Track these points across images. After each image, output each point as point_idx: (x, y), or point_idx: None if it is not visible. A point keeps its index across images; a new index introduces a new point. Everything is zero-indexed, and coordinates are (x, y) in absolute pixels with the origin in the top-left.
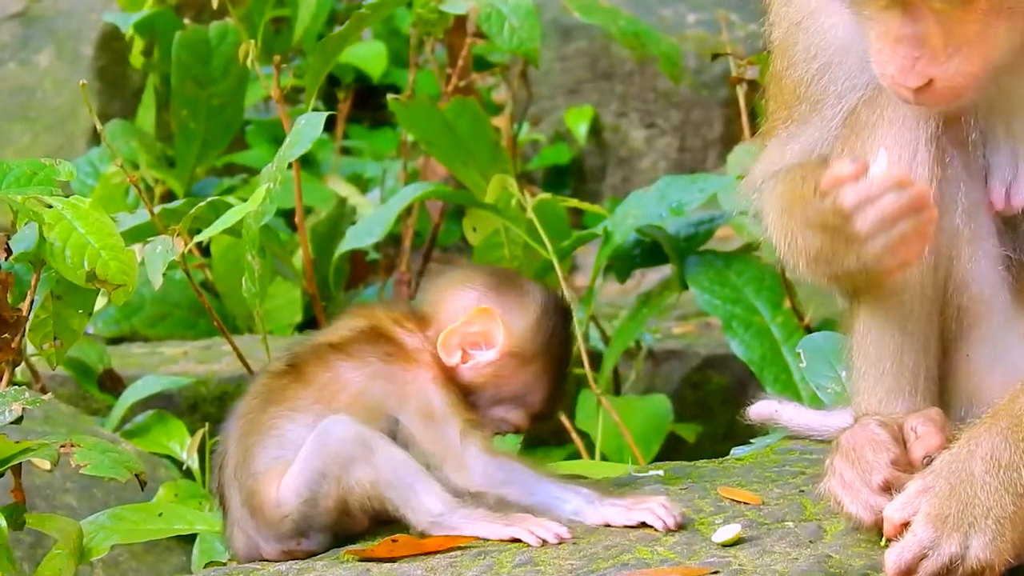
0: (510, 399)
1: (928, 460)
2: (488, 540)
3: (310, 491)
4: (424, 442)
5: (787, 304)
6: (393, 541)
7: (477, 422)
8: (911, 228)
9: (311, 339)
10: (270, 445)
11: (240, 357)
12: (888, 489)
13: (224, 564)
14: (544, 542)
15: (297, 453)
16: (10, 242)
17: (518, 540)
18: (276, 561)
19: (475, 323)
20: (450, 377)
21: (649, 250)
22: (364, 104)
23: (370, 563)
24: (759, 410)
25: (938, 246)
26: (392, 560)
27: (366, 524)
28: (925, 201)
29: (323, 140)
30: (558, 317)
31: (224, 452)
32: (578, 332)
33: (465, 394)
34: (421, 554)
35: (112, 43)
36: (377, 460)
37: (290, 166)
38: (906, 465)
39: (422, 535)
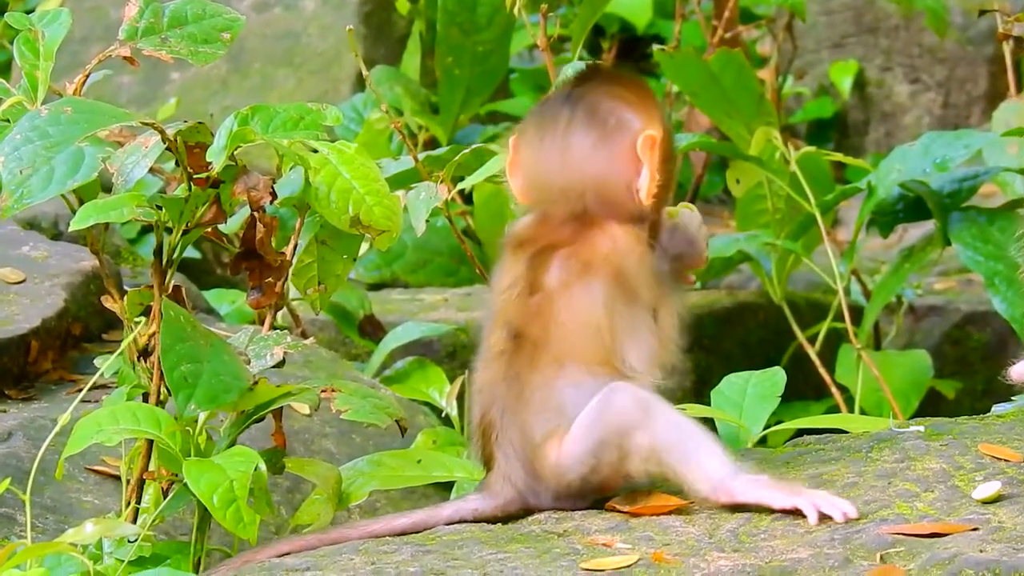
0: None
1: None
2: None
3: (593, 458)
4: (617, 312)
5: None
6: (648, 495)
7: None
8: None
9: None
10: (544, 415)
11: None
12: None
13: None
14: (824, 520)
15: (572, 418)
16: (276, 186)
17: (799, 512)
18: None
19: (644, 157)
20: (640, 236)
21: (912, 205)
22: (628, 54)
23: (627, 515)
24: (1021, 370)
25: None
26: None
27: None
28: None
29: None
30: (630, 79)
31: (489, 422)
32: (840, 286)
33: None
34: (681, 508)
35: None
36: (657, 426)
37: None
38: None
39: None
